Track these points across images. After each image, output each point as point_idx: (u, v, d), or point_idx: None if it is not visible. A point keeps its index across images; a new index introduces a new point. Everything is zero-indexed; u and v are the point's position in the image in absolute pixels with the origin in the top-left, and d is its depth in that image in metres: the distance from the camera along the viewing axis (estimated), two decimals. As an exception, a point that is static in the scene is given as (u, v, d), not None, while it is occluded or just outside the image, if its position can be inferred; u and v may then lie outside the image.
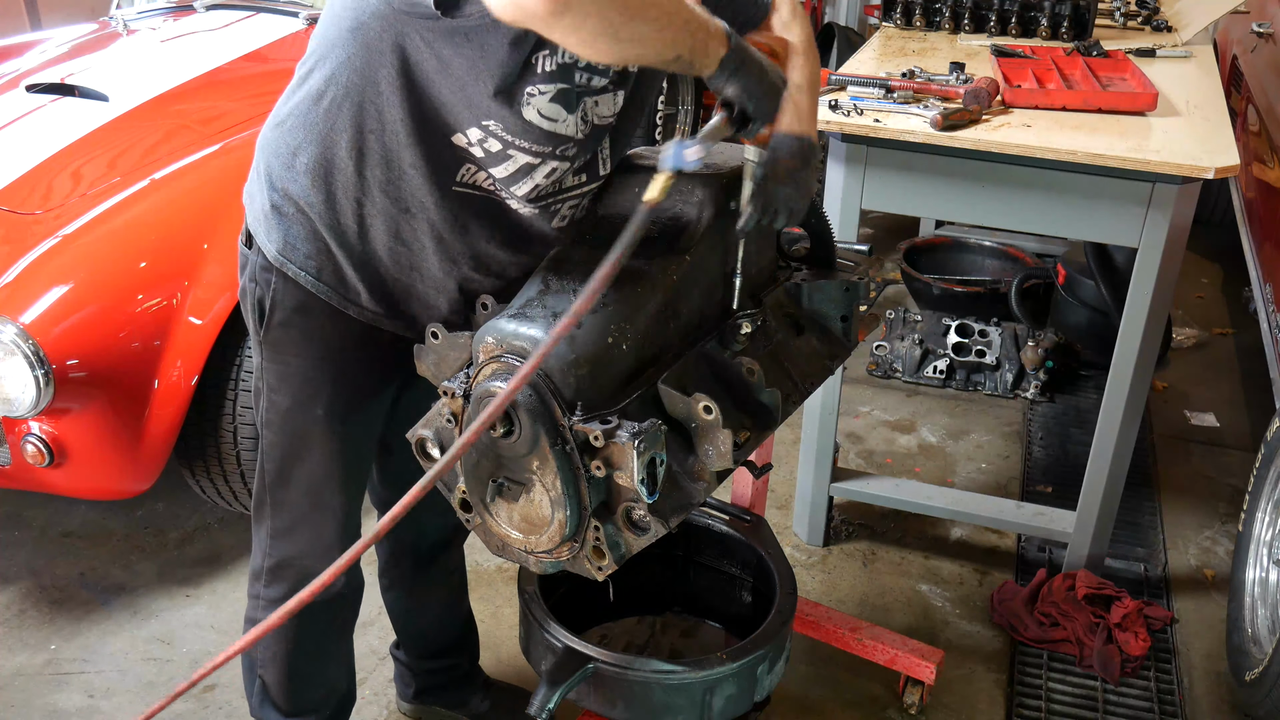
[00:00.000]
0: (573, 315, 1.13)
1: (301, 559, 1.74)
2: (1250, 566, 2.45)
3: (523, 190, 1.46)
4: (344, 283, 1.53)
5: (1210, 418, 3.52)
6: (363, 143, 1.43)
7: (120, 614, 2.56)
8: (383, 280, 1.53)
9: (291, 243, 1.52)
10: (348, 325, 1.56)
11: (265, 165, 1.53)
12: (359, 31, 1.38)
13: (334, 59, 1.41)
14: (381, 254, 1.51)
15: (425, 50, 1.34)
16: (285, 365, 1.60)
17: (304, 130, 1.46)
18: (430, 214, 1.47)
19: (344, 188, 1.46)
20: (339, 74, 1.41)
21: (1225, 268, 4.54)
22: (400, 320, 1.57)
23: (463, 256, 1.51)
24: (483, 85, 1.34)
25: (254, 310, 1.59)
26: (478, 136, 1.40)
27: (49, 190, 2.56)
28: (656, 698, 1.72)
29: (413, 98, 1.38)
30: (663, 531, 1.36)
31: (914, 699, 2.33)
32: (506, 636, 2.49)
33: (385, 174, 1.44)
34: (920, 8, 3.14)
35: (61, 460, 2.28)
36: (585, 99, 1.41)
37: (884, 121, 2.32)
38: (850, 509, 2.96)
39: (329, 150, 1.45)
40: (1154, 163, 2.14)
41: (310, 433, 1.63)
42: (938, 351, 3.61)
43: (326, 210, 1.48)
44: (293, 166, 1.48)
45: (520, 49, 1.31)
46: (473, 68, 1.33)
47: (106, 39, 3.43)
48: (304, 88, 1.47)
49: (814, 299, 1.69)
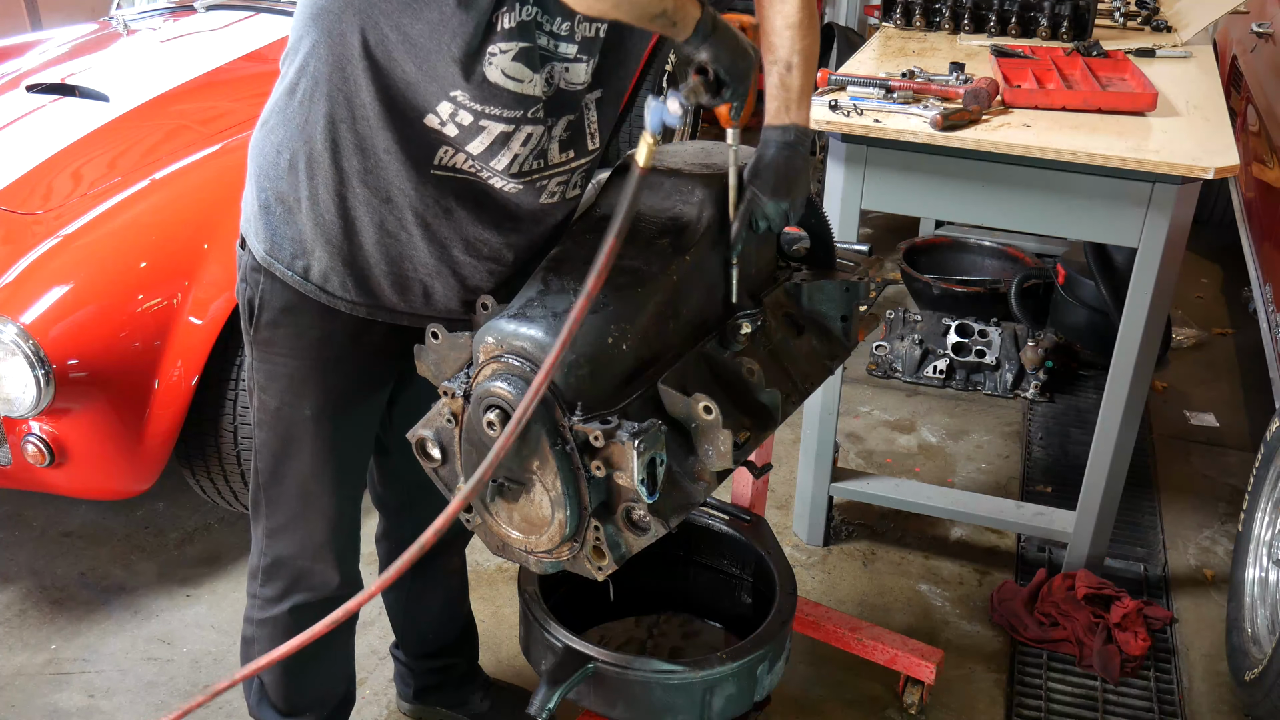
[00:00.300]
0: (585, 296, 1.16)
1: (295, 558, 1.74)
2: (1250, 566, 2.46)
3: (502, 163, 1.44)
4: (332, 279, 1.52)
5: (1210, 418, 3.52)
6: (336, 133, 1.42)
7: (120, 614, 2.56)
8: (374, 272, 1.52)
9: (279, 242, 1.52)
10: (336, 324, 1.56)
11: (255, 167, 1.54)
12: (320, 18, 1.37)
13: (302, 50, 1.41)
14: (369, 247, 1.50)
15: (386, 26, 1.33)
16: (274, 365, 1.61)
17: (283, 128, 1.47)
18: (412, 200, 1.46)
19: (324, 182, 1.46)
20: (307, 64, 1.41)
21: (1225, 268, 4.54)
22: (396, 311, 1.57)
23: (451, 241, 1.50)
24: (446, 51, 1.32)
25: (245, 309, 1.60)
26: (448, 111, 1.39)
27: (49, 190, 2.56)
28: (656, 698, 1.72)
29: (379, 79, 1.37)
30: (663, 531, 1.36)
31: (914, 699, 2.33)
32: (506, 636, 2.49)
33: (362, 163, 1.44)
34: (920, 8, 3.14)
35: (61, 460, 2.28)
36: (554, 64, 1.40)
37: (884, 121, 2.32)
38: (850, 509, 2.96)
39: (307, 145, 1.44)
40: (1154, 163, 2.14)
41: (299, 432, 1.64)
42: (938, 351, 3.61)
43: (311, 207, 1.48)
44: (276, 165, 1.48)
45: (476, 8, 1.30)
46: (434, 34, 1.32)
47: (107, 39, 3.43)
48: (281, 84, 1.47)
49: (814, 299, 1.69)
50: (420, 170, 1.44)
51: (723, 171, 1.53)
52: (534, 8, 1.34)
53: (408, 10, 1.31)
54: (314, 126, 1.43)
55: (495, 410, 1.33)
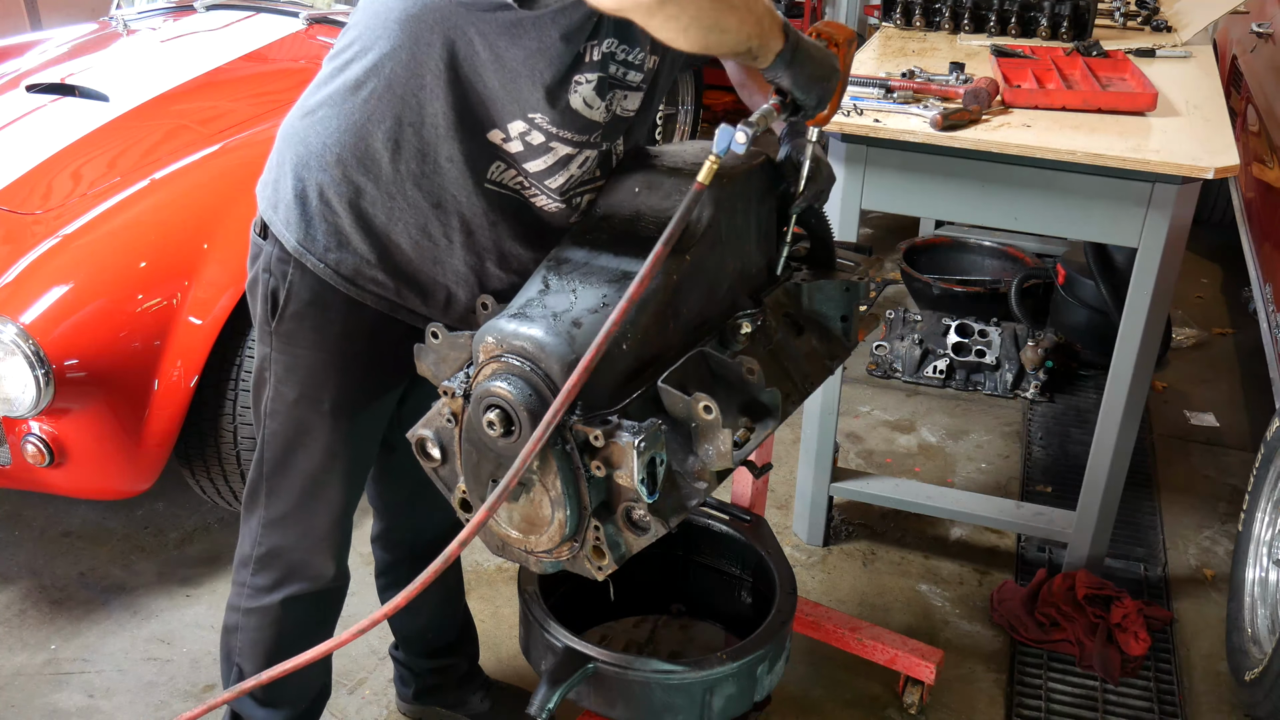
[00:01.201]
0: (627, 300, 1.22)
1: (291, 550, 1.74)
2: (1250, 566, 2.46)
3: (557, 183, 1.48)
4: (363, 273, 1.53)
5: (1210, 418, 3.52)
6: (400, 134, 1.44)
7: (120, 614, 2.56)
8: (404, 272, 1.54)
9: (313, 234, 1.52)
10: (360, 319, 1.57)
11: (293, 155, 1.53)
12: (409, 23, 1.38)
13: (378, 50, 1.42)
14: (405, 246, 1.52)
15: (479, 43, 1.36)
16: (294, 357, 1.61)
17: (338, 120, 1.47)
18: (463, 209, 1.48)
19: (376, 179, 1.47)
20: (382, 65, 1.41)
21: (1225, 268, 4.54)
22: (416, 312, 1.58)
23: (488, 252, 1.53)
24: (538, 76, 1.37)
25: (266, 301, 1.59)
26: (519, 130, 1.42)
27: (49, 190, 2.56)
28: (656, 698, 1.72)
29: (457, 90, 1.40)
30: (663, 531, 1.36)
31: (914, 699, 2.33)
32: (506, 636, 2.49)
33: (420, 167, 1.46)
34: (920, 8, 3.14)
35: (61, 460, 2.28)
36: (616, 91, 1.45)
37: (884, 121, 2.32)
38: (850, 509, 2.96)
39: (363, 141, 1.45)
40: (1154, 163, 2.14)
41: (314, 425, 1.64)
42: (938, 351, 3.61)
43: (355, 201, 1.49)
44: (323, 157, 1.49)
45: (575, 41, 1.35)
46: (529, 60, 1.35)
47: (106, 39, 3.43)
48: (340, 78, 1.47)
49: (814, 299, 1.69)
50: (476, 181, 1.47)
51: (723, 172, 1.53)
52: (615, 39, 1.40)
53: (507, 34, 1.34)
54: (376, 125, 1.44)
55: (495, 410, 1.33)
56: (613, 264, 1.45)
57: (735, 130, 1.29)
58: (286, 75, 3.20)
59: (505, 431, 1.34)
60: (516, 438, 1.34)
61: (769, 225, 1.64)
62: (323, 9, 3.45)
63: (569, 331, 1.35)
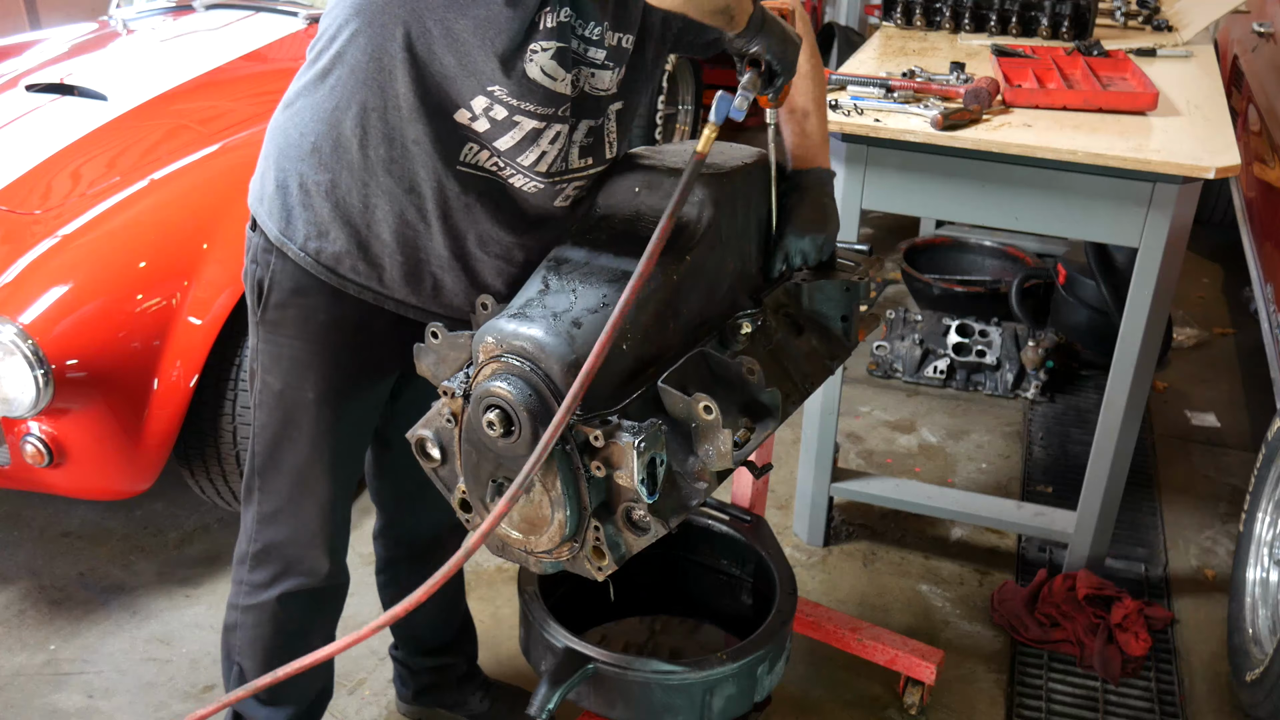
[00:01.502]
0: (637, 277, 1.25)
1: (285, 545, 1.74)
2: (1251, 566, 2.45)
3: (530, 159, 1.47)
4: (344, 262, 1.54)
5: (1210, 418, 3.52)
6: (365, 120, 1.45)
7: (120, 614, 2.56)
8: (388, 261, 1.54)
9: (294, 223, 1.53)
10: (345, 309, 1.58)
11: (275, 147, 1.55)
12: (363, 9, 1.40)
13: (341, 38, 1.43)
14: (387, 235, 1.52)
15: (430, 19, 1.36)
16: (279, 347, 1.61)
17: (310, 110, 1.48)
18: (436, 191, 1.48)
19: (349, 167, 1.48)
20: (345, 52, 1.43)
21: (1225, 268, 4.54)
22: (405, 303, 1.58)
23: (467, 234, 1.53)
24: (490, 46, 1.36)
25: (253, 291, 1.61)
26: (483, 105, 1.42)
27: (48, 190, 2.55)
28: (656, 698, 1.72)
29: (415, 70, 1.40)
30: (663, 531, 1.36)
31: (914, 699, 2.32)
32: (506, 636, 2.49)
33: (389, 152, 1.46)
34: (920, 7, 3.14)
35: (61, 460, 2.28)
36: (581, 67, 1.45)
37: (884, 121, 2.31)
38: (850, 509, 2.96)
39: (334, 130, 1.47)
40: (1154, 162, 2.14)
41: (300, 416, 1.64)
42: (938, 351, 3.61)
43: (331, 190, 1.50)
44: (300, 147, 1.50)
45: (523, 6, 1.34)
46: (479, 29, 1.35)
47: (106, 39, 3.43)
48: (313, 68, 1.49)
49: (814, 299, 1.69)
50: (447, 163, 1.47)
51: (723, 171, 1.53)
52: (570, 10, 1.39)
53: (454, 6, 1.35)
54: (344, 113, 1.45)
55: (495, 410, 1.33)
56: (613, 264, 1.45)
57: (729, 100, 1.32)
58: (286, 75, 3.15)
59: (505, 432, 1.34)
60: (516, 438, 1.34)
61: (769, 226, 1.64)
62: (322, 9, 3.45)
63: (569, 331, 1.35)
